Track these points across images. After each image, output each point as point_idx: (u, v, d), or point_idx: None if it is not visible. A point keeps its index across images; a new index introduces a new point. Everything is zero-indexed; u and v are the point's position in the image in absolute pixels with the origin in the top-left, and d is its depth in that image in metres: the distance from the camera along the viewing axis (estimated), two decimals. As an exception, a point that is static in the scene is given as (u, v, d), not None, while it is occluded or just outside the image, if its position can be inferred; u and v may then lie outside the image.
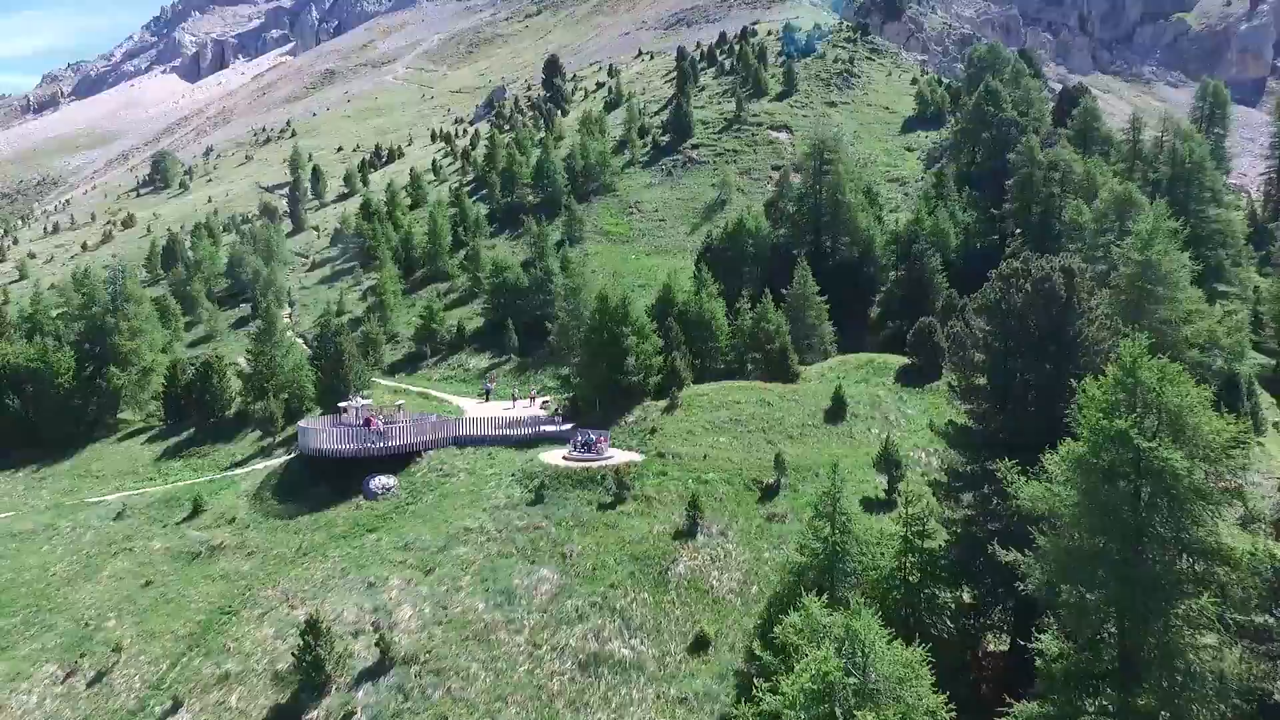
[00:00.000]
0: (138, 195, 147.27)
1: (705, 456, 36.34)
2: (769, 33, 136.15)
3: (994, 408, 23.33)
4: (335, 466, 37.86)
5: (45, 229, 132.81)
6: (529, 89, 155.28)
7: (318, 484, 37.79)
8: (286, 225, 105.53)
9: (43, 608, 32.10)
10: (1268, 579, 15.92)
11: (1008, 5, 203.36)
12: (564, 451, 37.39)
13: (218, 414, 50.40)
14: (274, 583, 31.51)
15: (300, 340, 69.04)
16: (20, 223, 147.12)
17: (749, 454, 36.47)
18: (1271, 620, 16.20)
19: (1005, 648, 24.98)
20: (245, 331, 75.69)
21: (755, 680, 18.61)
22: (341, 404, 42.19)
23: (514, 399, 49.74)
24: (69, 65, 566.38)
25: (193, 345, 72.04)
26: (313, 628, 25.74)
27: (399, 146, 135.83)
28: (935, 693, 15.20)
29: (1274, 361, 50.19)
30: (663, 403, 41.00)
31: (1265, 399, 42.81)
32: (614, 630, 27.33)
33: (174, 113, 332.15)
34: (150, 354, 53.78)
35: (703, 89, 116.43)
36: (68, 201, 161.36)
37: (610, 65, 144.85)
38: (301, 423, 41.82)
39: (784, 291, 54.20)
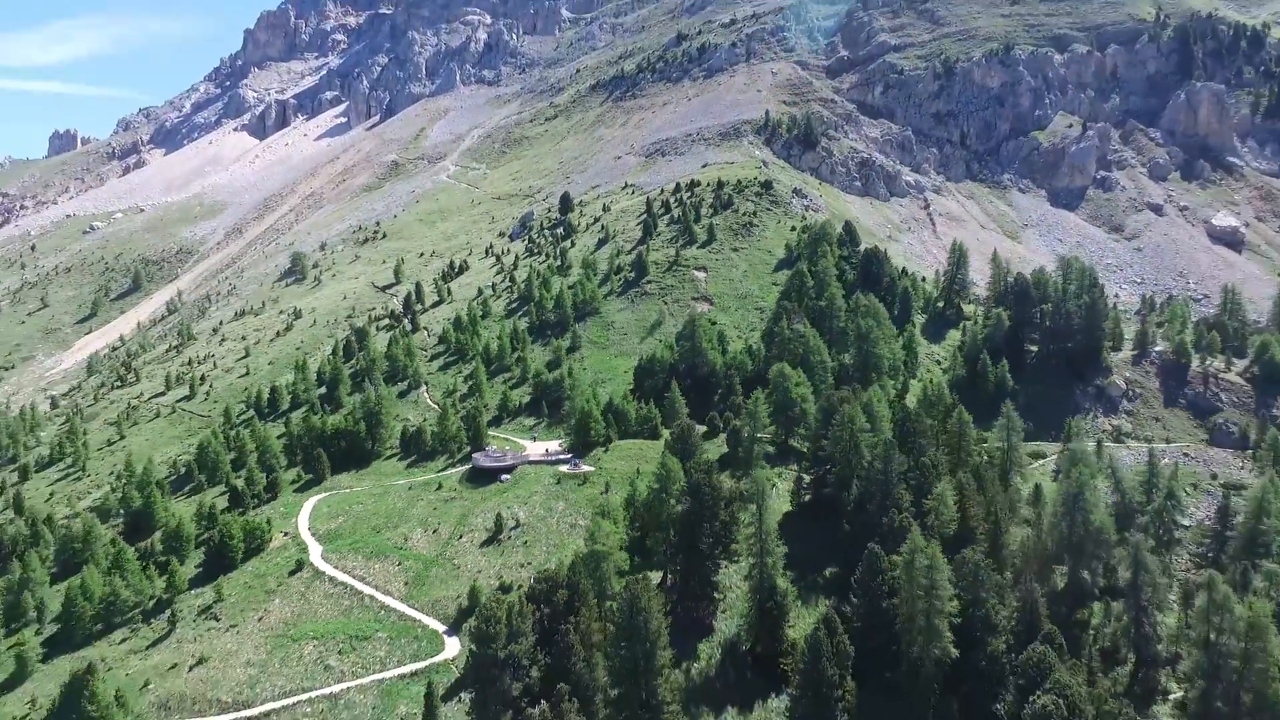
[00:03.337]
0: (285, 285, 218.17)
1: (615, 469, 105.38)
2: (704, 184, 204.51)
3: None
4: (488, 471, 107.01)
5: (235, 313, 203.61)
6: (549, 210, 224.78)
7: (480, 478, 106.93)
8: (405, 324, 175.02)
9: (405, 518, 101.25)
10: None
11: (905, 127, 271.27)
12: (567, 467, 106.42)
13: (422, 448, 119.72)
14: (477, 507, 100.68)
15: (435, 405, 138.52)
16: (209, 301, 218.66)
17: (631, 467, 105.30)
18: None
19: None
20: (406, 399, 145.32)
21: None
22: (487, 446, 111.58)
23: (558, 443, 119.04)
24: (140, 110, 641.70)
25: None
26: (499, 515, 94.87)
27: (464, 260, 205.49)
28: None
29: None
30: (604, 449, 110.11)
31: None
32: (582, 518, 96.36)
33: (254, 173, 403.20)
34: (391, 420, 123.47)
35: (659, 234, 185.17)
36: (234, 288, 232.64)
37: (605, 204, 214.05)
38: (474, 454, 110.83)
39: (664, 396, 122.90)
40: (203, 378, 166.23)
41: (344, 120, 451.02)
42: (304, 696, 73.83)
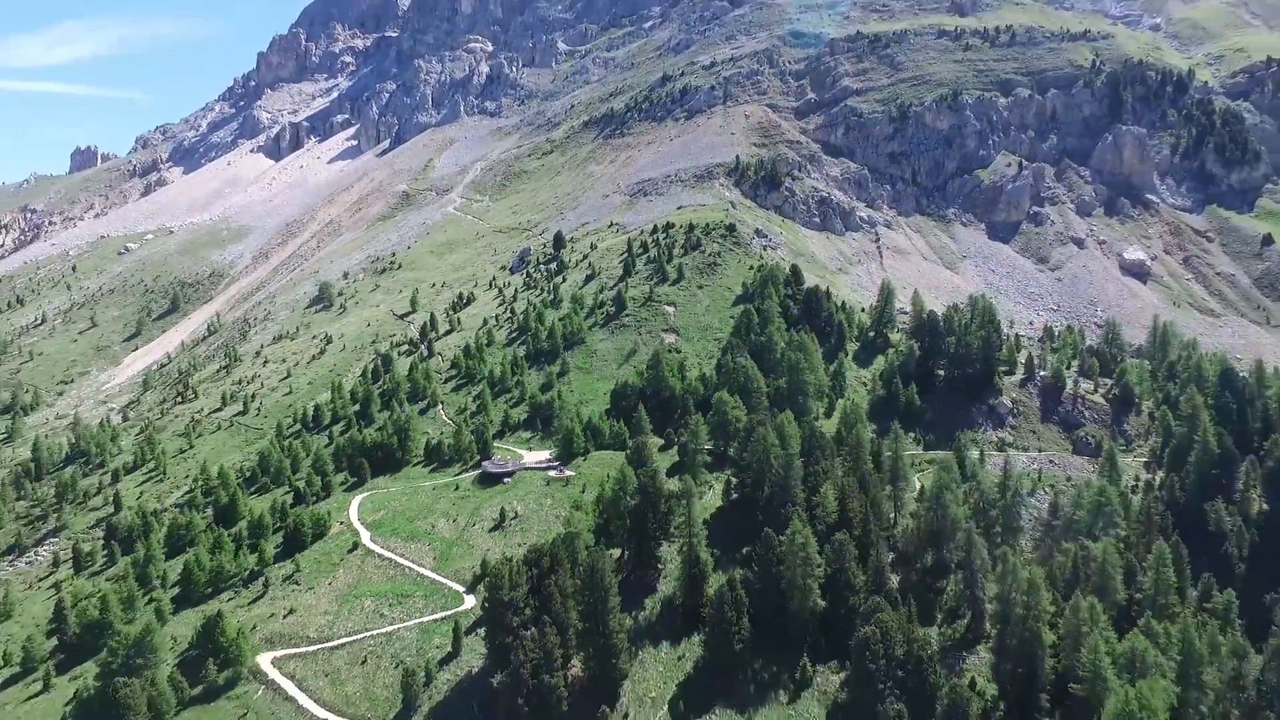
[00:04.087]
0: (315, 312, 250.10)
1: (591, 474, 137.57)
2: (678, 225, 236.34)
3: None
4: (494, 475, 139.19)
5: (274, 337, 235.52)
6: (544, 245, 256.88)
7: (488, 481, 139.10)
8: (422, 350, 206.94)
9: (432, 511, 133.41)
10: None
11: (863, 166, 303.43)
12: (554, 472, 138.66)
13: (442, 457, 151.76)
14: (486, 503, 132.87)
15: (450, 421, 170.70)
16: (248, 325, 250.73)
17: (603, 472, 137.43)
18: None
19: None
20: (426, 415, 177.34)
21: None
22: (493, 455, 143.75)
23: (548, 453, 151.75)
24: (156, 128, 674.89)
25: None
26: (502, 509, 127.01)
27: (470, 291, 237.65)
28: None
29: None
30: (584, 458, 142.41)
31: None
32: (564, 511, 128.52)
33: (271, 195, 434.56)
34: (416, 434, 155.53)
35: (637, 272, 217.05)
36: (268, 313, 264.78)
37: (592, 241, 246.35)
38: (483, 462, 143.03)
39: (633, 415, 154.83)
40: (253, 395, 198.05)
41: (355, 143, 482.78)
42: (367, 634, 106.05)
